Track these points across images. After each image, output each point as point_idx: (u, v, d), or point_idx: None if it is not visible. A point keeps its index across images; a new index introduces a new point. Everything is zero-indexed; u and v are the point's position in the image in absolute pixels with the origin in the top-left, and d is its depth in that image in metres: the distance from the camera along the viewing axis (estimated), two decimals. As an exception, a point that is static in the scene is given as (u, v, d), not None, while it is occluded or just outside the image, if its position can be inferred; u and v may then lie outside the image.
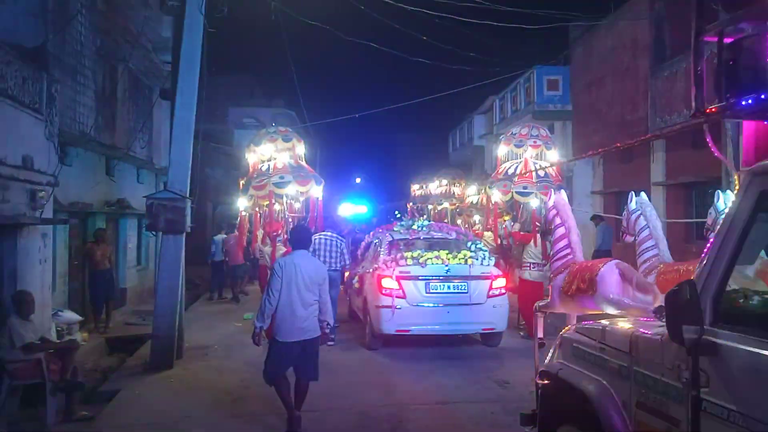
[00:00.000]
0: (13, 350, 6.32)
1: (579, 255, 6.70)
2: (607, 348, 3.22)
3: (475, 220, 16.55)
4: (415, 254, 8.88)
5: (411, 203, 23.41)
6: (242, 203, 12.51)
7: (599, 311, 5.90)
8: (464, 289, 8.70)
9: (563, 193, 7.42)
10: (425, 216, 18.61)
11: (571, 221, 6.92)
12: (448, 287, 8.70)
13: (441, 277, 8.67)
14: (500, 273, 9.15)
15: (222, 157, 24.23)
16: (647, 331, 2.96)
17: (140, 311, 12.37)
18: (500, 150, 11.78)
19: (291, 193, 10.95)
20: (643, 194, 6.81)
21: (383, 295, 8.57)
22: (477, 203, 16.96)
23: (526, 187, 10.36)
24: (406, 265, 8.74)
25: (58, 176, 8.54)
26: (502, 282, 8.93)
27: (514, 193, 10.54)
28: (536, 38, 19.75)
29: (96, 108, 10.66)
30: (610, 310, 5.82)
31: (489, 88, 20.04)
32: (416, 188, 23.68)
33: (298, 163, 11.27)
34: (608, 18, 15.52)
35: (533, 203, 10.22)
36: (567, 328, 4.00)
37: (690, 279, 2.56)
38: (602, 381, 3.17)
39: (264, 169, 11.21)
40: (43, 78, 8.11)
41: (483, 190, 14.21)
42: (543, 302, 7.05)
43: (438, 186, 20.53)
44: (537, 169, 10.53)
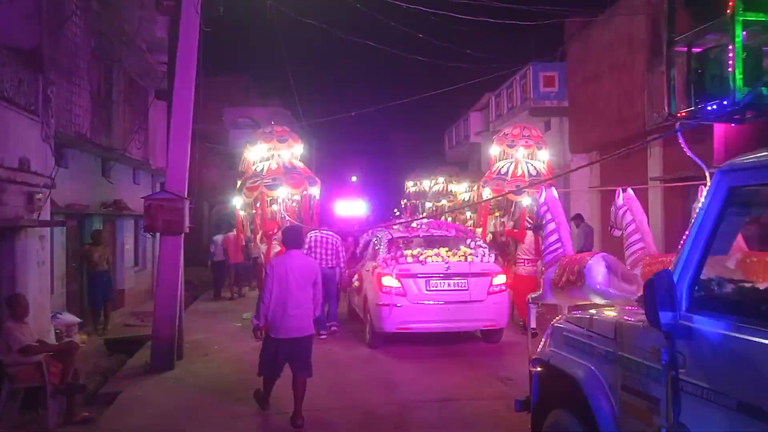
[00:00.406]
0: (11, 353, 6.29)
1: (569, 249, 7.07)
2: (594, 335, 3.39)
3: (467, 216, 16.54)
4: (415, 252, 8.87)
5: (405, 200, 23.45)
6: (239, 202, 12.59)
7: (588, 301, 6.09)
8: (464, 287, 8.69)
9: (553, 190, 7.67)
10: (423, 213, 18.61)
11: (561, 217, 7.32)
12: (449, 284, 8.69)
13: (441, 275, 8.67)
14: (500, 270, 9.15)
15: (218, 157, 24.18)
16: (631, 319, 3.13)
17: (138, 312, 12.34)
18: (493, 150, 12.07)
19: (282, 195, 11.03)
20: (630, 190, 7.01)
21: (383, 293, 8.56)
22: (469, 200, 17.03)
23: (518, 186, 10.65)
24: (407, 262, 8.73)
25: (55, 178, 8.49)
26: (502, 279, 8.93)
27: (508, 193, 10.74)
28: (532, 34, 19.73)
29: (92, 109, 10.62)
30: (598, 300, 6.15)
31: (485, 85, 20.06)
32: (410, 185, 23.71)
33: (292, 165, 11.31)
34: (604, 14, 15.52)
35: (525, 202, 10.45)
36: (558, 318, 4.16)
37: (666, 268, 2.76)
38: (590, 366, 3.34)
39: (258, 170, 11.27)
40: (39, 80, 8.07)
41: (475, 187, 14.41)
42: (535, 294, 7.39)
43: (435, 184, 20.61)
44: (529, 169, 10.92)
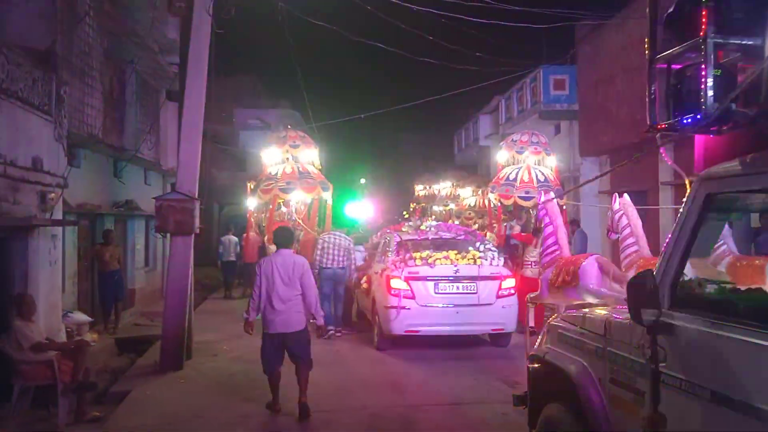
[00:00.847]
0: (23, 351, 6.34)
1: (565, 251, 7.56)
2: (586, 332, 3.59)
3: (470, 218, 16.41)
4: (424, 255, 8.86)
5: (415, 203, 23.45)
6: (252, 204, 12.88)
7: (582, 301, 6.34)
8: (473, 290, 8.67)
9: (552, 194, 8.11)
10: (433, 216, 18.59)
11: (559, 220, 7.87)
12: (457, 288, 8.68)
13: (450, 278, 8.65)
14: (509, 273, 9.12)
15: (228, 158, 24.28)
16: (619, 317, 3.31)
17: (149, 312, 12.40)
18: (501, 156, 12.29)
19: (296, 198, 11.27)
20: (626, 196, 7.54)
21: (392, 295, 8.55)
22: (474, 205, 17.02)
23: (528, 191, 11.04)
24: (415, 265, 8.72)
25: (67, 178, 8.56)
26: (511, 282, 8.91)
27: (516, 198, 11.22)
28: (543, 37, 19.67)
29: (104, 110, 10.69)
30: (591, 299, 6.40)
31: (495, 87, 20.00)
32: (420, 189, 23.71)
33: (306, 170, 11.68)
34: (615, 16, 15.45)
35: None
36: (554, 316, 4.37)
37: (649, 269, 2.93)
38: (582, 362, 3.54)
39: (273, 173, 11.50)
40: (53, 80, 8.13)
41: (480, 192, 14.63)
42: (533, 294, 7.79)
43: (443, 188, 20.61)
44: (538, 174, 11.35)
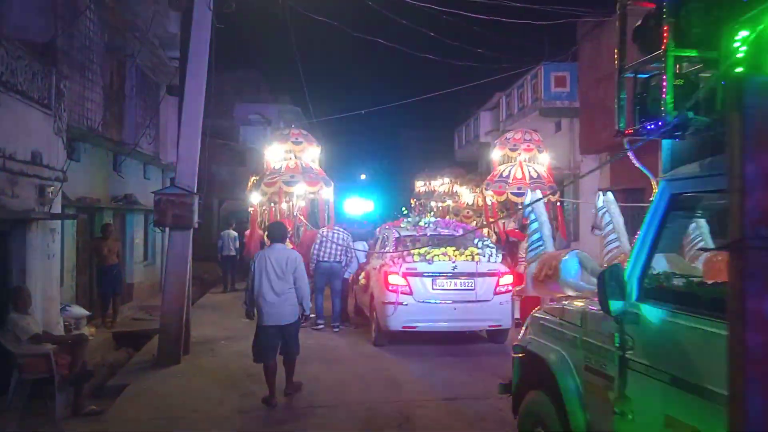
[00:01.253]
0: (21, 343, 6.36)
1: (549, 246, 7.77)
2: (564, 323, 3.82)
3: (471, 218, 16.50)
4: (422, 251, 8.87)
5: (414, 199, 23.51)
6: (255, 198, 13.20)
7: (564, 293, 6.57)
8: (471, 286, 8.69)
9: (538, 192, 8.51)
10: (432, 212, 18.63)
11: (543, 217, 8.23)
12: (455, 284, 8.69)
13: (448, 274, 8.67)
14: (507, 270, 9.14)
15: (228, 153, 24.26)
16: (594, 308, 3.46)
17: (147, 306, 12.42)
18: (495, 154, 12.72)
19: (300, 192, 11.58)
20: (610, 194, 7.72)
21: (390, 291, 8.57)
22: (473, 204, 17.08)
23: (520, 188, 11.35)
24: (413, 261, 8.73)
25: (67, 171, 8.56)
26: (509, 279, 8.92)
27: (509, 194, 11.57)
28: (544, 34, 19.63)
29: (104, 104, 10.68)
30: (571, 292, 6.70)
31: (495, 84, 19.98)
32: (420, 185, 23.76)
33: (308, 166, 12.01)
34: (617, 14, 15.41)
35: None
36: (537, 308, 4.58)
37: (616, 263, 3.22)
38: (561, 350, 3.76)
39: (276, 167, 11.75)
40: (52, 73, 8.12)
41: (479, 190, 14.91)
42: (519, 287, 8.22)
43: (441, 184, 20.71)
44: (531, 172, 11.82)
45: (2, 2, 8.30)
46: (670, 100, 2.87)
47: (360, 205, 29.24)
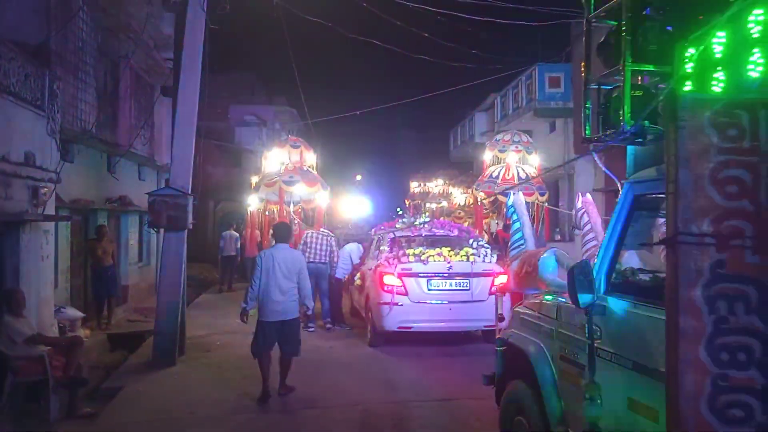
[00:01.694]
0: (15, 346, 6.32)
1: (531, 245, 7.96)
2: (542, 316, 4.10)
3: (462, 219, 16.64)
4: (417, 251, 8.88)
5: (409, 200, 23.59)
6: (253, 201, 13.62)
7: (543, 289, 6.80)
8: (466, 286, 8.70)
9: (521, 195, 8.90)
10: (427, 213, 18.68)
11: (525, 218, 8.30)
12: (450, 284, 8.70)
13: (443, 274, 8.68)
14: (502, 270, 9.14)
15: (223, 154, 24.22)
16: (567, 302, 3.63)
17: (142, 308, 12.38)
18: (486, 155, 13.12)
19: (298, 192, 12.09)
20: (588, 195, 8.01)
21: (385, 291, 8.57)
22: (464, 204, 17.19)
23: (507, 188, 11.45)
24: (408, 262, 8.74)
25: (60, 173, 8.53)
26: (504, 279, 8.92)
27: (497, 195, 11.79)
28: (538, 35, 19.68)
29: (97, 105, 10.65)
30: (549, 288, 6.66)
31: (490, 85, 20.02)
32: (415, 186, 23.84)
33: (305, 167, 12.64)
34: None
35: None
36: (519, 304, 4.88)
37: (585, 259, 3.50)
38: (539, 342, 4.02)
39: (276, 170, 12.64)
40: (46, 75, 8.10)
41: (471, 191, 15.21)
42: (501, 283, 8.39)
43: (436, 186, 20.83)
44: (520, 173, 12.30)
45: (-5, 3, 8.27)
46: (628, 111, 3.11)
47: (356, 206, 29.22)
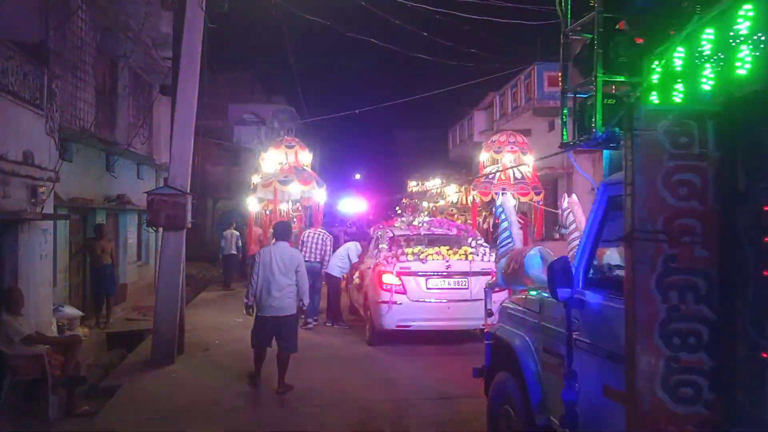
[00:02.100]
0: (13, 344, 6.33)
1: (518, 244, 8.07)
2: (527, 311, 4.34)
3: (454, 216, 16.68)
4: (415, 250, 8.89)
5: (407, 199, 23.62)
6: (252, 202, 13.77)
7: (529, 286, 6.99)
8: (465, 285, 8.71)
9: (509, 195, 9.09)
10: (425, 212, 18.71)
11: (513, 217, 8.92)
12: (449, 283, 8.71)
13: (442, 273, 8.68)
14: (501, 269, 9.17)
15: (222, 153, 24.21)
16: (549, 296, 3.78)
17: (140, 307, 12.38)
18: (482, 156, 13.24)
19: (294, 191, 12.22)
20: (574, 195, 8.09)
21: (384, 290, 8.58)
22: (457, 202, 17.28)
23: (504, 188, 11.70)
24: (407, 260, 8.75)
25: (59, 172, 8.53)
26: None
27: (493, 194, 11.87)
28: (537, 34, 19.68)
29: (96, 104, 10.64)
30: (534, 284, 6.83)
31: (489, 84, 20.02)
32: (413, 185, 23.88)
33: (300, 166, 12.85)
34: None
35: (510, 202, 11.04)
36: (506, 299, 5.11)
37: (564, 255, 3.70)
38: (523, 335, 4.27)
39: (271, 171, 12.84)
40: (44, 74, 8.10)
41: (463, 189, 15.34)
42: (491, 281, 8.34)
43: (433, 185, 20.92)
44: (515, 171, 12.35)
45: (-6, 3, 8.26)
46: (599, 118, 3.37)
47: (354, 205, 29.27)
